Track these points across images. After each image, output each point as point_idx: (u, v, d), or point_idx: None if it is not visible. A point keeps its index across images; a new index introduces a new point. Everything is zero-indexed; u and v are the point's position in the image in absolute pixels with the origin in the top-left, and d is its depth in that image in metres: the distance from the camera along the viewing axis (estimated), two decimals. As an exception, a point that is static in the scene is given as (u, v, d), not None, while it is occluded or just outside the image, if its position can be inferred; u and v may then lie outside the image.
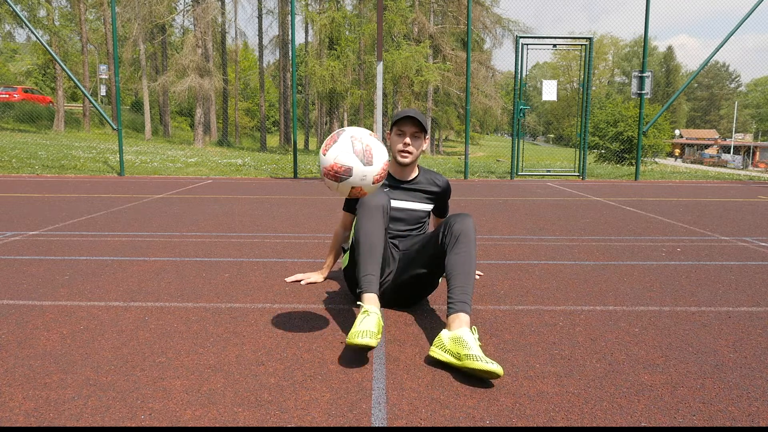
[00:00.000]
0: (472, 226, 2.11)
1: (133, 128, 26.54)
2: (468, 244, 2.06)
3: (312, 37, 24.90)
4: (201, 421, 1.45)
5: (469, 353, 1.71)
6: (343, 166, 1.83)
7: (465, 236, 2.07)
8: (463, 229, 2.09)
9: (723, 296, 2.64)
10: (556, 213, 5.44)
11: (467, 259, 2.03)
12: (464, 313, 1.89)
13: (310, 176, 9.79)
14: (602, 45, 66.48)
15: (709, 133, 55.17)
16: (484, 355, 1.71)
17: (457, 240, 2.07)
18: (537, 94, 54.41)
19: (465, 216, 2.15)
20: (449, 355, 1.79)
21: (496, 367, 1.65)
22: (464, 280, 1.98)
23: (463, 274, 1.99)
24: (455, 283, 1.98)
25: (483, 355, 1.71)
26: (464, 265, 2.02)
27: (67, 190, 6.97)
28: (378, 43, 7.25)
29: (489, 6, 25.50)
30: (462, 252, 2.04)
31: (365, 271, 2.01)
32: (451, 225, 2.12)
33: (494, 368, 1.65)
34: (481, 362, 1.67)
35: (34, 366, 1.78)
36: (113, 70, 12.20)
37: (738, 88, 69.12)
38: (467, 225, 2.10)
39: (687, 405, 1.56)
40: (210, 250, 3.56)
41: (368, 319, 1.84)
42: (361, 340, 1.76)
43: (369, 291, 1.97)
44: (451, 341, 1.81)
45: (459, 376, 1.74)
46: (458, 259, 2.03)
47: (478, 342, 1.79)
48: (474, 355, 1.70)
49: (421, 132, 2.37)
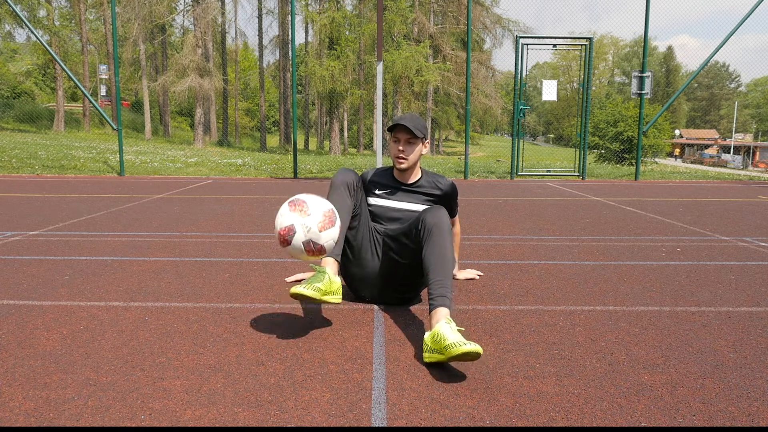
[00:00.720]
0: (445, 218, 2.11)
1: (133, 128, 26.55)
2: (441, 235, 2.06)
3: (312, 37, 24.91)
4: (201, 421, 1.45)
5: (447, 343, 1.72)
6: (285, 227, 1.92)
7: (437, 228, 2.08)
8: (435, 221, 2.09)
9: (723, 296, 2.64)
10: (556, 213, 5.44)
11: (441, 251, 2.03)
12: (443, 307, 1.89)
13: (310, 176, 9.80)
14: (602, 45, 66.50)
15: (709, 133, 55.17)
16: (462, 338, 1.71)
17: (430, 233, 2.08)
18: (537, 94, 54.39)
19: (437, 208, 2.15)
20: (436, 354, 1.79)
21: (473, 346, 1.66)
22: (440, 274, 1.98)
23: (439, 268, 2.00)
24: (431, 277, 1.99)
25: (461, 338, 1.71)
26: (439, 257, 2.02)
27: (67, 190, 6.97)
28: (378, 43, 7.25)
29: (489, 6, 25.51)
30: (436, 244, 2.05)
31: None
32: (424, 219, 2.13)
33: (471, 348, 1.66)
34: (458, 347, 1.68)
35: (34, 366, 1.78)
36: (113, 70, 12.19)
37: (738, 88, 69.14)
38: (439, 217, 2.10)
39: (687, 405, 1.56)
40: (210, 250, 3.56)
41: (316, 276, 2.02)
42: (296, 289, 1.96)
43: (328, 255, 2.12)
44: (431, 340, 1.82)
45: (459, 376, 1.74)
46: (432, 252, 2.04)
47: (456, 329, 1.78)
48: (452, 343, 1.70)
49: (415, 138, 2.38)
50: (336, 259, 2.21)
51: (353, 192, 2.33)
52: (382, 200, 2.47)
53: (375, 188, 2.50)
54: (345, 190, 2.31)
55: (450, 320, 1.83)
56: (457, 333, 1.76)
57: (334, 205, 2.15)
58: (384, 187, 2.49)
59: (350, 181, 2.33)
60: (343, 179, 2.33)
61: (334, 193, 2.32)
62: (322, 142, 33.33)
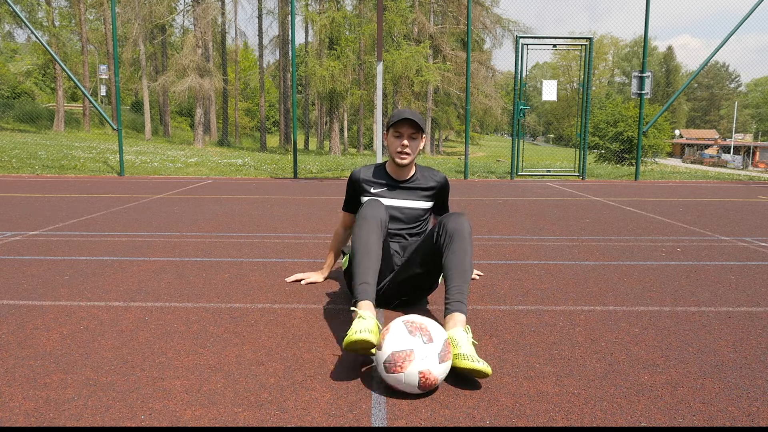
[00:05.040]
0: (466, 224, 2.10)
1: (133, 128, 26.55)
2: (462, 242, 2.05)
3: (312, 37, 24.91)
4: (201, 421, 1.45)
5: (458, 352, 1.71)
6: (404, 352, 1.61)
7: (459, 234, 2.06)
8: (457, 227, 2.08)
9: (723, 296, 2.64)
10: (556, 213, 5.44)
11: (462, 258, 2.02)
12: (459, 312, 1.89)
13: (310, 176, 9.79)
14: (602, 45, 66.51)
15: (709, 133, 55.16)
16: (475, 354, 1.71)
17: (452, 239, 2.07)
18: (537, 94, 54.41)
19: (459, 214, 2.14)
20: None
21: (483, 365, 1.65)
22: (460, 280, 1.98)
23: (459, 274, 1.99)
24: (451, 283, 1.98)
25: (473, 354, 1.71)
26: (459, 263, 2.01)
27: (67, 190, 6.97)
28: (378, 44, 7.25)
29: (489, 6, 25.52)
30: (457, 251, 2.04)
31: (361, 280, 1.97)
32: (445, 224, 2.11)
33: (481, 367, 1.65)
34: (469, 361, 1.66)
35: (34, 366, 1.77)
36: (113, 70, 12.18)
37: (738, 88, 69.13)
38: (461, 223, 2.09)
39: (687, 405, 1.56)
40: (210, 250, 3.56)
41: (364, 322, 1.78)
42: (359, 335, 1.69)
43: (364, 298, 1.92)
44: None
45: (459, 376, 1.74)
46: (453, 258, 2.03)
47: (471, 341, 1.79)
48: (462, 354, 1.70)
49: (418, 133, 2.35)
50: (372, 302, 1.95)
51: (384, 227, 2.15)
52: (379, 199, 2.44)
53: (370, 187, 2.46)
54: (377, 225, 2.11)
55: (468, 329, 1.83)
56: (471, 345, 1.76)
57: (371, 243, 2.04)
58: (380, 185, 2.46)
59: (383, 218, 2.15)
60: (377, 214, 2.13)
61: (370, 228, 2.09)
62: (322, 142, 33.34)
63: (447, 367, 1.64)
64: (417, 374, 1.57)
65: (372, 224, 2.09)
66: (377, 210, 2.14)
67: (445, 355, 1.63)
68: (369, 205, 2.15)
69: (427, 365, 1.58)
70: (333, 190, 7.31)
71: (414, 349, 1.60)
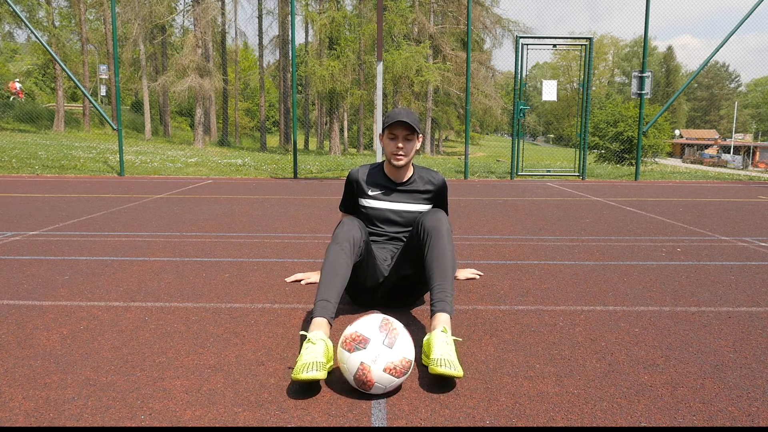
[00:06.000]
0: (444, 221, 2.09)
1: (133, 128, 26.54)
2: (440, 239, 2.04)
3: (312, 37, 24.91)
4: (201, 421, 1.45)
5: (432, 357, 1.69)
6: (361, 336, 1.61)
7: (436, 232, 2.06)
8: (435, 225, 2.07)
9: (723, 296, 2.64)
10: (556, 213, 5.44)
11: (441, 255, 2.01)
12: (442, 312, 1.88)
13: (309, 176, 9.79)
14: (602, 45, 66.50)
15: (709, 133, 55.17)
16: (448, 356, 1.67)
17: (430, 237, 2.06)
18: (537, 94, 54.38)
19: (435, 212, 2.14)
20: (425, 359, 1.81)
21: (450, 370, 1.61)
22: (440, 278, 1.97)
23: (439, 272, 1.98)
24: (432, 282, 1.98)
25: (445, 357, 1.66)
26: (439, 262, 2.00)
27: (67, 190, 6.97)
28: (378, 44, 7.25)
29: (489, 6, 25.53)
30: (436, 248, 2.03)
31: (321, 297, 1.90)
32: (423, 223, 2.11)
33: (447, 371, 1.61)
34: (438, 367, 1.63)
35: (34, 366, 1.77)
36: (113, 70, 12.19)
37: (738, 88, 69.14)
38: (438, 220, 2.08)
39: (687, 405, 1.56)
40: (210, 250, 3.56)
41: (313, 349, 1.66)
42: (306, 374, 1.56)
43: (319, 315, 1.83)
44: (425, 344, 1.82)
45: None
46: (432, 257, 2.02)
47: (451, 339, 1.77)
48: (434, 359, 1.67)
49: (413, 134, 2.31)
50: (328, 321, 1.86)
51: (358, 247, 2.07)
52: (377, 202, 2.41)
53: (369, 189, 2.43)
54: (348, 246, 2.03)
55: (446, 329, 1.80)
56: (448, 346, 1.72)
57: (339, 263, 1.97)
58: (378, 187, 2.43)
59: (357, 238, 2.07)
60: (352, 235, 2.06)
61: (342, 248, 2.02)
62: (322, 142, 33.34)
63: (389, 383, 1.57)
64: (359, 363, 1.57)
65: (343, 245, 2.02)
66: (351, 230, 2.07)
67: (395, 372, 1.57)
68: (343, 225, 2.10)
69: (371, 363, 1.56)
70: (333, 190, 7.31)
71: (371, 341, 1.59)
